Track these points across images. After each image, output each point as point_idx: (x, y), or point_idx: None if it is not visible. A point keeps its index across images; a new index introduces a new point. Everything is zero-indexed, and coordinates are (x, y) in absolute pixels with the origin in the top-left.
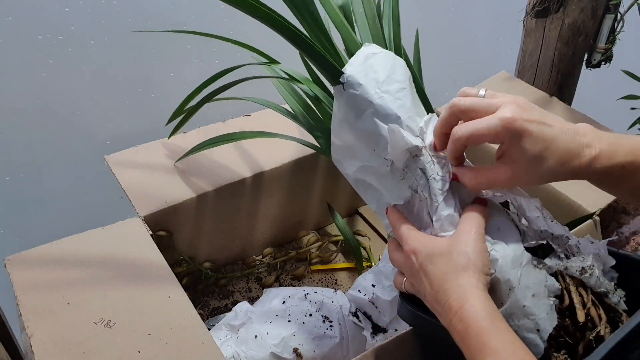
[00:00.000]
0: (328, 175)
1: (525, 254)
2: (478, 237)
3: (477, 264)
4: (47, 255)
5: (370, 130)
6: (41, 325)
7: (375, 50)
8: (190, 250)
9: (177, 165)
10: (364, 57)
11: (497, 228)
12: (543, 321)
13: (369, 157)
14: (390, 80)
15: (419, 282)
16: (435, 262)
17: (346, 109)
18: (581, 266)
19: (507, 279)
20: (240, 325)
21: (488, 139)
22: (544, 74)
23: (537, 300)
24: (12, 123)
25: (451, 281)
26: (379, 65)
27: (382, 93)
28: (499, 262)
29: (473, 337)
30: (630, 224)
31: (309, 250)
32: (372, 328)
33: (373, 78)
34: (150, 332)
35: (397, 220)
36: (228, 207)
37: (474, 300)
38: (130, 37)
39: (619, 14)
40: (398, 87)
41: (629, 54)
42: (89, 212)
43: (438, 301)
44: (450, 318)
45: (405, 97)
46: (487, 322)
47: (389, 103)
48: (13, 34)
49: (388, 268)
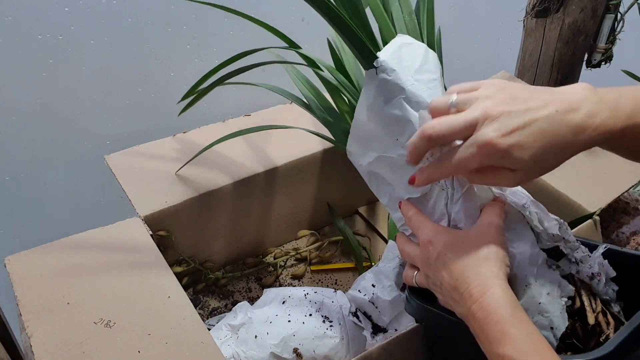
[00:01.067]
0: (328, 175)
1: (541, 253)
2: (498, 229)
3: (499, 254)
4: (47, 255)
5: (397, 116)
6: (41, 325)
7: (409, 40)
8: (190, 251)
9: (178, 165)
10: (398, 46)
11: (514, 228)
12: (557, 319)
13: (388, 147)
14: (422, 70)
15: (436, 272)
16: (456, 251)
17: (375, 94)
18: (591, 272)
19: (524, 275)
20: (240, 325)
21: (475, 165)
22: (544, 74)
23: (552, 298)
24: (12, 123)
25: (472, 269)
26: (413, 54)
27: (415, 81)
28: (517, 259)
29: (493, 324)
30: (630, 224)
31: (308, 251)
32: (372, 328)
33: (406, 66)
34: (150, 332)
35: (412, 212)
36: (228, 207)
37: (495, 288)
38: (130, 37)
39: (619, 14)
40: (430, 77)
41: (629, 54)
42: (89, 212)
43: (457, 289)
44: (470, 305)
45: (436, 87)
46: (508, 311)
47: (421, 91)
48: (13, 34)
49: (388, 268)
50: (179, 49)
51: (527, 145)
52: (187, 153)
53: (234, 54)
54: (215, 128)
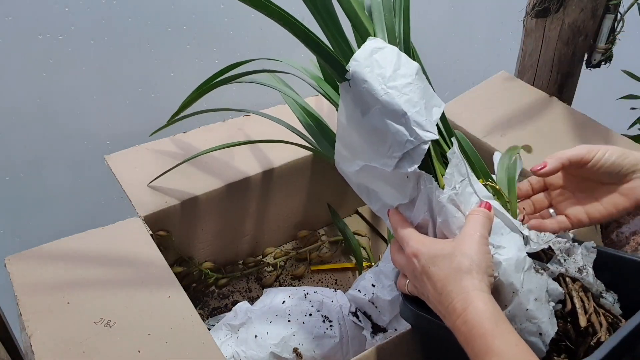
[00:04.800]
0: (328, 175)
1: (527, 258)
2: (482, 240)
3: (481, 265)
4: (47, 255)
5: (376, 127)
6: (41, 325)
7: (380, 44)
8: (190, 251)
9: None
10: (370, 51)
11: (501, 233)
12: (545, 325)
13: (372, 157)
14: (396, 75)
15: (422, 285)
16: (438, 264)
17: (353, 106)
18: (577, 266)
19: (510, 282)
20: (240, 325)
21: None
22: (544, 74)
23: (540, 304)
24: (12, 123)
25: (454, 283)
26: (385, 60)
27: (388, 89)
28: (503, 265)
29: (477, 338)
30: (630, 224)
31: (308, 250)
32: (372, 328)
33: (379, 74)
34: (150, 331)
35: (398, 223)
36: (228, 207)
37: (477, 302)
38: (130, 37)
39: (619, 14)
40: (404, 82)
41: (629, 54)
42: (89, 212)
43: (442, 303)
44: (454, 320)
45: (412, 91)
46: (491, 324)
47: (396, 99)
48: (13, 34)
49: (388, 268)
50: (179, 49)
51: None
52: (187, 153)
53: (233, 54)
54: (215, 128)
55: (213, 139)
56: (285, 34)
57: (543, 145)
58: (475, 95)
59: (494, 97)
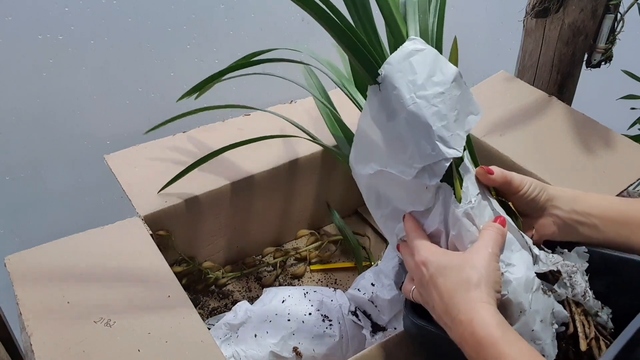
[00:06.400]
0: (327, 175)
1: (536, 279)
2: (492, 256)
3: (489, 281)
4: (47, 255)
5: (400, 134)
6: (41, 325)
7: (419, 46)
8: (190, 250)
9: (178, 165)
10: (407, 53)
11: (511, 250)
12: (548, 347)
13: (390, 162)
14: (429, 83)
15: (429, 294)
16: (447, 275)
17: (379, 109)
18: (581, 290)
19: (519, 301)
20: (240, 325)
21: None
22: (544, 74)
23: (544, 325)
24: (12, 123)
25: (461, 295)
26: (420, 64)
27: (417, 98)
28: (513, 284)
29: (488, 347)
30: None
31: (308, 250)
32: (371, 327)
33: (410, 80)
34: (150, 331)
35: (412, 229)
36: (227, 207)
37: (483, 311)
38: (130, 37)
39: (619, 14)
40: (436, 91)
41: (629, 54)
42: (89, 212)
43: (448, 314)
44: (462, 332)
45: (443, 102)
46: (500, 332)
47: (423, 109)
48: (13, 34)
49: (388, 267)
50: (178, 49)
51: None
52: (186, 152)
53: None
54: (215, 127)
55: (213, 138)
56: (285, 34)
57: (543, 145)
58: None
59: (494, 96)
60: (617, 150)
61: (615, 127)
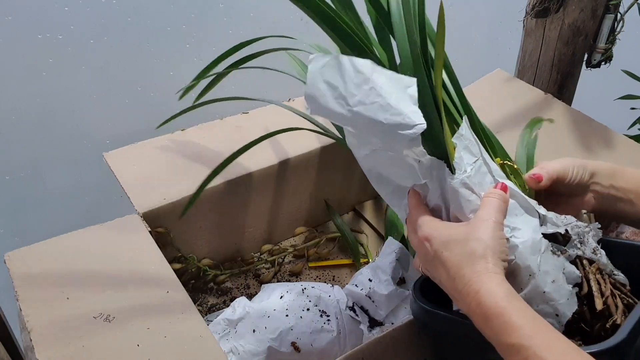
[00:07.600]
0: (325, 172)
1: (543, 240)
2: (496, 225)
3: (495, 250)
4: (47, 251)
5: (367, 133)
6: (41, 320)
7: (321, 60)
8: (189, 247)
9: (176, 162)
10: (317, 75)
11: (515, 214)
12: (562, 306)
13: (378, 144)
14: (352, 87)
15: (434, 269)
16: (452, 248)
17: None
18: (592, 247)
19: (527, 265)
20: (239, 320)
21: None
22: (544, 74)
23: (557, 285)
24: (12, 123)
25: (468, 267)
26: (334, 76)
27: (353, 107)
28: (519, 248)
29: (495, 318)
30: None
31: (306, 247)
32: (369, 322)
33: (336, 96)
34: (149, 326)
35: (413, 206)
36: (226, 204)
37: (489, 282)
38: (130, 37)
39: (619, 14)
40: (364, 90)
41: (629, 54)
42: (89, 211)
43: (455, 288)
44: (469, 303)
45: (377, 95)
46: (506, 302)
47: (365, 113)
48: (13, 34)
49: (385, 263)
50: (178, 49)
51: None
52: (185, 150)
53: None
54: (213, 126)
55: (211, 136)
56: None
57: (542, 145)
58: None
59: (492, 96)
60: (616, 150)
61: (615, 127)
